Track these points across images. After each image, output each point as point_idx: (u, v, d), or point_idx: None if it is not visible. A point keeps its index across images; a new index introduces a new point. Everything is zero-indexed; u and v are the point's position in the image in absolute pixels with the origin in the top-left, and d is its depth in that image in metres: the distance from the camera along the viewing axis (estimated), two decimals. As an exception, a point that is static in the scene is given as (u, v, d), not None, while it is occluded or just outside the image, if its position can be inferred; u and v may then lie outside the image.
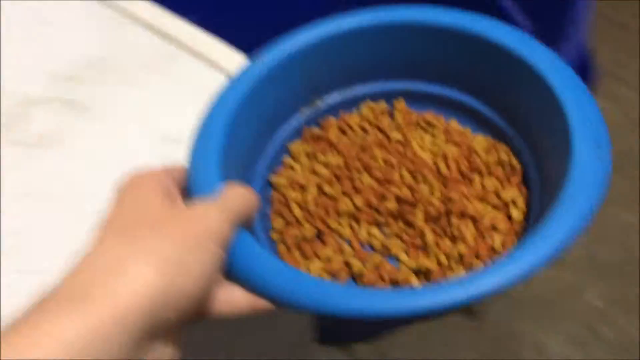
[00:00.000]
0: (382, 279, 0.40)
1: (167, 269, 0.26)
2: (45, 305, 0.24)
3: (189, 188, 0.36)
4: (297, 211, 0.43)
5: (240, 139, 0.41)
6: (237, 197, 0.33)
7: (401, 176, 0.44)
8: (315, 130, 0.49)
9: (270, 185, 0.46)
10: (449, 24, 0.43)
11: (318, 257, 0.41)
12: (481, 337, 1.06)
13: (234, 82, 0.42)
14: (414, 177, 0.44)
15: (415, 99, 0.49)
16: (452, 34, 0.43)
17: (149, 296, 0.25)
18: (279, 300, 0.32)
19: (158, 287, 0.25)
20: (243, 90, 0.41)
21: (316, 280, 0.33)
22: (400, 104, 0.49)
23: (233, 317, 0.31)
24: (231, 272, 0.32)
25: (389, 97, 0.49)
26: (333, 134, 0.48)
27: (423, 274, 0.40)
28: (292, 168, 0.47)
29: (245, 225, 0.34)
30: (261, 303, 0.32)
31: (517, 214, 0.41)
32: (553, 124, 0.38)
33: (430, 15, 0.44)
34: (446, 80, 0.47)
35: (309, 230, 0.42)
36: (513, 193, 0.42)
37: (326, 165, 0.46)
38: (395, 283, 0.40)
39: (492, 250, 0.39)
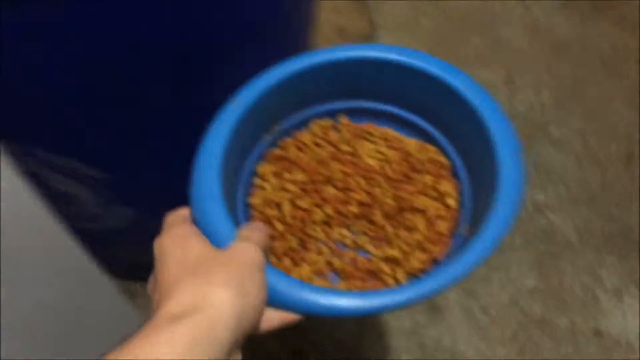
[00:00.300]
0: (359, 270, 0.50)
1: (240, 292, 0.34)
2: (154, 325, 0.32)
3: (204, 222, 0.43)
4: (278, 225, 0.51)
5: (227, 174, 0.48)
6: (258, 232, 0.41)
7: (357, 183, 0.54)
8: (276, 151, 0.56)
9: (249, 206, 0.53)
10: (378, 56, 0.53)
11: (305, 261, 0.50)
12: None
13: (219, 124, 0.49)
14: (368, 182, 0.54)
15: (355, 114, 0.58)
16: (382, 64, 0.53)
17: (232, 313, 0.33)
18: (303, 312, 0.41)
19: (236, 305, 0.34)
20: (226, 130, 0.48)
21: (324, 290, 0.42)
22: (344, 119, 0.58)
23: (270, 330, 0.40)
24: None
25: (333, 114, 0.58)
26: (292, 153, 0.56)
27: (391, 261, 0.50)
28: (263, 188, 0.55)
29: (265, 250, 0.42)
30: (290, 317, 0.41)
31: (452, 202, 0.52)
32: (472, 128, 0.50)
33: (363, 50, 0.53)
34: (379, 98, 0.57)
35: (292, 241, 0.51)
36: (447, 186, 0.53)
37: (293, 182, 0.54)
38: (370, 272, 0.50)
39: (441, 234, 0.50)
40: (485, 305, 1.11)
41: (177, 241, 0.39)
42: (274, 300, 0.40)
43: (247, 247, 0.39)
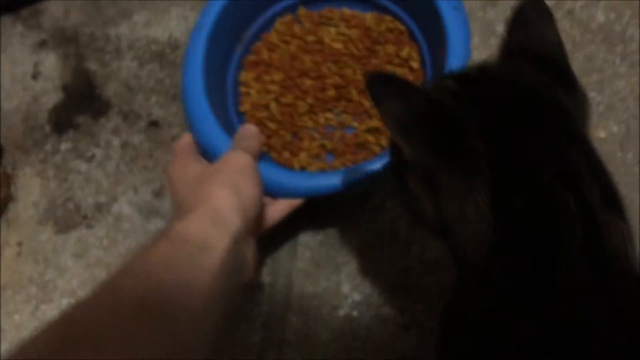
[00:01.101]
0: (348, 145, 0.58)
1: (234, 188, 0.43)
2: (178, 215, 0.42)
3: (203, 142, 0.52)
4: (270, 125, 0.58)
5: (215, 91, 0.55)
6: (246, 139, 0.50)
7: (329, 69, 0.59)
8: (251, 57, 0.61)
9: (242, 114, 0.60)
10: None
11: (302, 150, 0.58)
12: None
13: (192, 49, 0.55)
14: (338, 66, 0.59)
15: (312, 2, 0.62)
16: None
17: (231, 202, 0.42)
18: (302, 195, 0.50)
19: (232, 196, 0.42)
20: (201, 53, 0.54)
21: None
22: (302, 11, 0.62)
23: (283, 217, 0.49)
24: (267, 189, 0.49)
25: (294, 8, 0.62)
26: (265, 56, 0.61)
27: (374, 131, 0.57)
28: (248, 94, 0.61)
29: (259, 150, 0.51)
30: (294, 202, 0.50)
31: (415, 64, 0.58)
32: None
33: None
34: None
35: (285, 135, 0.58)
36: (408, 51, 0.58)
37: (273, 82, 0.60)
38: (358, 145, 0.58)
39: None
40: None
41: (180, 167, 0.48)
42: (277, 190, 0.50)
43: (235, 154, 0.47)
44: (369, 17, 0.61)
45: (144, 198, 0.62)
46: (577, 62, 0.62)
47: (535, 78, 0.31)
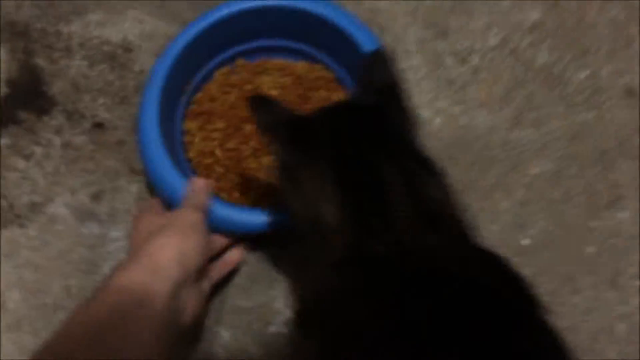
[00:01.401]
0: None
1: (180, 241, 0.46)
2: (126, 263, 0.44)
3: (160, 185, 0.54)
4: (218, 169, 0.59)
5: (167, 138, 0.55)
6: (197, 192, 0.52)
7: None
8: (193, 108, 0.62)
9: (188, 160, 0.60)
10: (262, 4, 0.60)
11: (250, 189, 0.58)
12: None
13: (148, 98, 0.56)
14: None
15: (251, 54, 0.64)
16: (265, 9, 0.60)
17: (174, 253, 0.44)
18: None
19: (177, 247, 0.45)
20: (155, 103, 0.55)
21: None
22: (240, 61, 0.64)
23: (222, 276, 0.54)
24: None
25: (232, 59, 0.64)
26: (207, 106, 0.62)
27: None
28: (193, 143, 0.61)
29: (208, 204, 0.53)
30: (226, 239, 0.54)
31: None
32: (343, 42, 0.58)
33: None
34: (269, 35, 0.63)
35: (233, 178, 0.58)
36: (338, 94, 0.61)
37: (216, 130, 0.60)
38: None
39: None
40: (462, 48, 0.69)
41: (141, 219, 0.51)
42: (221, 227, 0.52)
43: (186, 211, 0.50)
44: (300, 66, 0.64)
45: (81, 201, 0.61)
46: (517, 100, 0.65)
47: (374, 100, 0.42)
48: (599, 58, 0.67)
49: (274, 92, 0.61)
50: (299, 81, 0.62)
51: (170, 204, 0.54)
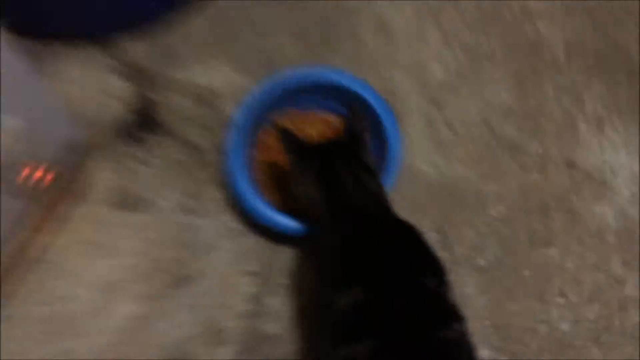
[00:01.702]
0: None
1: None
2: None
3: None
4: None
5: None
6: None
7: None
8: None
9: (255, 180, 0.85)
10: (318, 78, 0.85)
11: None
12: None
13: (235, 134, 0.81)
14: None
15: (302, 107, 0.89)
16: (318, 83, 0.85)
17: None
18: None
19: None
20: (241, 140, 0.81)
21: None
22: (294, 111, 0.88)
23: None
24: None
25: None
26: (265, 156, 0.86)
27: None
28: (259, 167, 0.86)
29: None
30: None
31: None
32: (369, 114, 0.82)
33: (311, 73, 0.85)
34: (321, 96, 0.88)
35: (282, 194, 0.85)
36: None
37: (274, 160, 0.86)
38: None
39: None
40: (451, 118, 0.95)
41: None
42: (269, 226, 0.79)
43: None
44: (337, 119, 0.88)
45: (179, 199, 0.87)
46: (487, 160, 0.91)
47: (347, 138, 0.73)
48: (550, 136, 0.93)
49: (313, 133, 0.86)
50: (332, 129, 0.86)
51: (242, 208, 0.80)
